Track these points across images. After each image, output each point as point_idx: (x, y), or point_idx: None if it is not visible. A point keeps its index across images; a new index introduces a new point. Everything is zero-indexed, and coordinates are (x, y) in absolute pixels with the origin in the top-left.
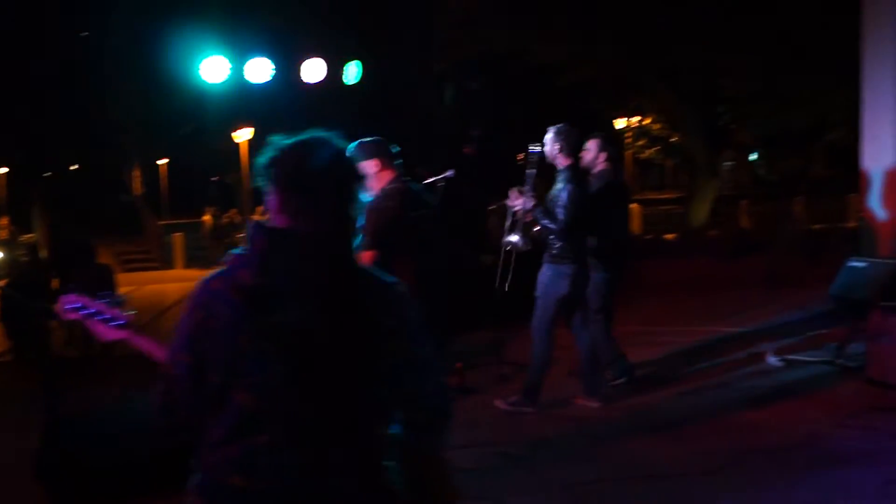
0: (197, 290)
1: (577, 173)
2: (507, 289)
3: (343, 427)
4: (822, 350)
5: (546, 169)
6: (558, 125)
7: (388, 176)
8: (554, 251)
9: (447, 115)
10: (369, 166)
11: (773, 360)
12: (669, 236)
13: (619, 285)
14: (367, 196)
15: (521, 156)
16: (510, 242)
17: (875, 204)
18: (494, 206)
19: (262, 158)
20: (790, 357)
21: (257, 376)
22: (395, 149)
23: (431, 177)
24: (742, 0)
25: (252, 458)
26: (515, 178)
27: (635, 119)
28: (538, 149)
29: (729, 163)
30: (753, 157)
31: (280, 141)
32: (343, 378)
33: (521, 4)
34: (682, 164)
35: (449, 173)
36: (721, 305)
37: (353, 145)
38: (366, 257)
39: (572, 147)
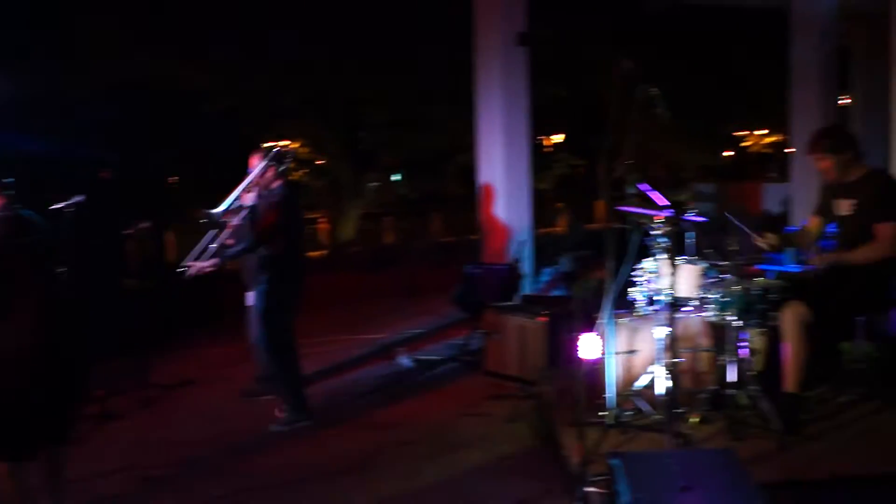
0: None
1: (290, 190)
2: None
3: None
4: (447, 348)
5: None
6: (270, 146)
7: None
8: (261, 268)
9: (87, 138)
10: None
11: (405, 361)
12: (317, 253)
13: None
14: None
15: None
16: (209, 214)
17: (489, 217)
18: (132, 231)
19: None
20: (420, 357)
21: None
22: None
23: (63, 202)
24: (381, 36)
25: None
26: (159, 202)
27: (282, 143)
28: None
29: (374, 183)
30: (396, 177)
31: None
32: None
33: (163, 33)
34: (330, 185)
35: (78, 198)
36: (363, 315)
37: None
38: None
39: (282, 167)
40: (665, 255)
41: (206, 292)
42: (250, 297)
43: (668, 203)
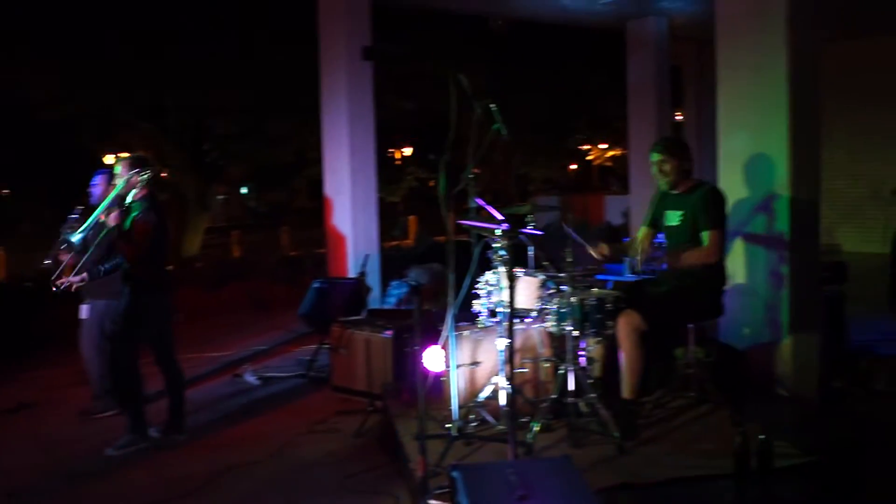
0: None
1: (154, 201)
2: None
3: None
4: (294, 364)
5: None
6: (133, 155)
7: None
8: (122, 280)
9: None
10: None
11: (251, 378)
12: None
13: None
14: None
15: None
16: (69, 244)
17: (335, 230)
18: None
19: None
20: (267, 374)
21: None
22: None
23: None
24: (228, 45)
25: None
26: None
27: (124, 154)
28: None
29: (221, 196)
30: (244, 190)
31: None
32: None
33: None
34: (174, 198)
35: None
36: (207, 332)
37: None
38: None
39: (144, 174)
40: (504, 268)
41: (39, 310)
42: (84, 310)
43: (504, 217)
